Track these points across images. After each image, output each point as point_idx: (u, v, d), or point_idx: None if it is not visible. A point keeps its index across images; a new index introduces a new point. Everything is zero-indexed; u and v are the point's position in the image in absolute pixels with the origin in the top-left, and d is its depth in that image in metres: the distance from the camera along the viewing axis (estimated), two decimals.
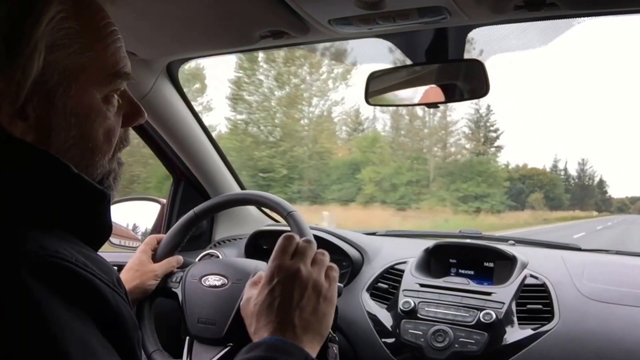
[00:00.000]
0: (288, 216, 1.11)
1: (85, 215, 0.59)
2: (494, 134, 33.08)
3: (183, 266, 1.19)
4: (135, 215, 1.68)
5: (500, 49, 1.37)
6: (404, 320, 1.26)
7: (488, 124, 32.99)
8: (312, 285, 0.73)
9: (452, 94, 1.24)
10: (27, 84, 0.53)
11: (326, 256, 0.78)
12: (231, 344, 1.03)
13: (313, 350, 0.69)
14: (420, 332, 1.22)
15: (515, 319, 1.22)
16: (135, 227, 1.69)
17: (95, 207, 0.60)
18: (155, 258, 1.18)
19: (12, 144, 0.54)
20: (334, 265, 0.78)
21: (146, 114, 0.69)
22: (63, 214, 0.56)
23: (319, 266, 0.75)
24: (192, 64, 1.52)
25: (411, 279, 1.34)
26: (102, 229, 0.62)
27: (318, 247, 0.79)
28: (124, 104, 0.65)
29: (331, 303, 0.75)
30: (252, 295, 0.75)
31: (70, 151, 0.58)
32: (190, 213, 1.23)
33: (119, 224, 1.66)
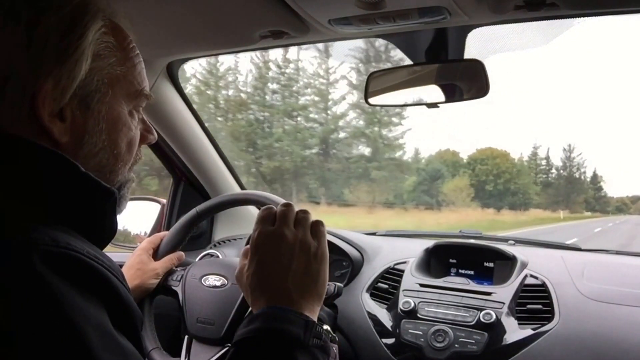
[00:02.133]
0: None
1: (92, 214, 0.60)
2: None
3: (183, 265, 1.20)
4: (135, 215, 1.68)
5: (501, 48, 1.37)
6: (404, 320, 1.26)
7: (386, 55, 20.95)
8: (300, 246, 0.71)
9: (452, 94, 1.24)
10: (72, 87, 0.57)
11: (308, 214, 0.75)
12: (229, 344, 1.03)
13: (312, 312, 0.69)
14: (421, 332, 1.22)
15: (515, 319, 1.22)
16: (140, 230, 1.70)
17: (102, 205, 0.61)
18: (157, 256, 1.18)
19: (22, 143, 0.55)
20: (320, 220, 0.76)
21: (156, 136, 0.74)
22: (70, 212, 0.58)
23: (302, 225, 0.74)
24: None
25: (411, 279, 1.34)
26: (108, 228, 0.63)
27: None
28: (139, 122, 0.70)
29: (323, 260, 0.73)
30: (243, 266, 0.74)
31: (98, 155, 0.62)
32: (193, 212, 1.23)
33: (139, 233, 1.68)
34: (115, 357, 0.49)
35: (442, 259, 1.43)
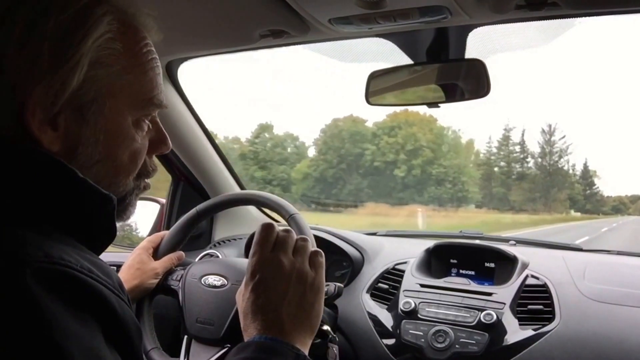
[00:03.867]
0: (290, 219, 1.11)
1: (89, 219, 0.58)
2: None
3: (183, 265, 1.19)
4: (135, 215, 1.67)
5: (502, 47, 1.37)
6: (404, 321, 1.25)
7: None
8: (297, 276, 0.70)
9: (453, 94, 1.24)
10: (64, 95, 0.54)
11: (308, 242, 0.75)
12: (229, 344, 1.02)
13: (304, 345, 0.68)
14: (421, 333, 1.22)
15: (516, 319, 1.21)
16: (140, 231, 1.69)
17: (100, 211, 0.59)
18: (157, 255, 1.18)
19: (16, 148, 0.54)
20: (319, 251, 0.75)
21: (170, 145, 0.70)
22: (66, 217, 0.56)
23: (301, 254, 0.73)
24: None
25: (412, 279, 1.34)
26: (106, 233, 0.61)
27: (318, 248, 0.77)
28: (152, 130, 0.67)
29: (319, 291, 0.72)
30: (242, 291, 0.73)
31: (95, 167, 0.59)
32: (193, 211, 1.23)
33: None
34: None
35: (442, 259, 1.42)
